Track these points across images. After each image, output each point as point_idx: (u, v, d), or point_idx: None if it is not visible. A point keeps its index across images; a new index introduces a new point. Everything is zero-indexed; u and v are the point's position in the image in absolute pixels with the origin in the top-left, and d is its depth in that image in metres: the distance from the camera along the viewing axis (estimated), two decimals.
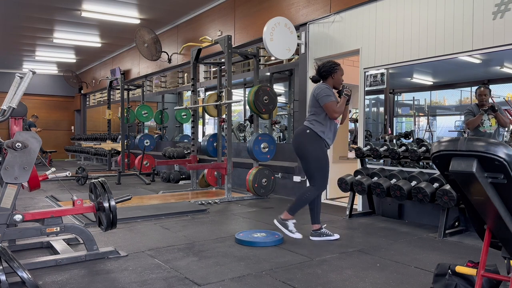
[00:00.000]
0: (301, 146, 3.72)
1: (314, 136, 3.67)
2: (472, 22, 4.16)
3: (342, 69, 3.80)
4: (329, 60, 3.82)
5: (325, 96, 3.62)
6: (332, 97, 3.64)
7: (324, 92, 3.63)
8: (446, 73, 5.66)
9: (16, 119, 3.33)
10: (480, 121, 4.35)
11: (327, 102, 3.61)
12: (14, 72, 4.86)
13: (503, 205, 1.72)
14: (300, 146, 3.73)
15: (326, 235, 3.76)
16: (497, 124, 4.34)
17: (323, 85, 3.70)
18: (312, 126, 3.68)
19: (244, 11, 7.35)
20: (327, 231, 3.78)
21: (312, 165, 3.70)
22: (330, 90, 3.68)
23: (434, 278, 2.18)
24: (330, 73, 3.73)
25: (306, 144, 3.68)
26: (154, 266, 2.98)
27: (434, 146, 1.79)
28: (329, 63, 3.76)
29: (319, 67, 3.79)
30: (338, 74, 3.75)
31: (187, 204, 5.42)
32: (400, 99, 6.64)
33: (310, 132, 3.67)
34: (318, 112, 3.69)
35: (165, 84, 10.83)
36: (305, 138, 3.69)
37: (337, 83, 3.77)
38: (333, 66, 3.73)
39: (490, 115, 4.33)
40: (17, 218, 2.91)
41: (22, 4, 8.24)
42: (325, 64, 3.76)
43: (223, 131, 6.86)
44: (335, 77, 3.74)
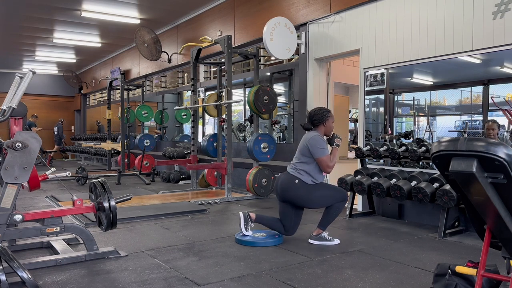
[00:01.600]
0: (292, 195, 3.61)
1: (303, 184, 3.59)
2: (472, 22, 4.16)
3: (333, 116, 3.74)
4: (320, 108, 3.76)
5: (320, 149, 3.55)
6: (326, 151, 3.58)
7: (319, 145, 3.56)
8: (446, 73, 5.66)
9: (16, 119, 3.33)
10: None
11: (322, 156, 3.54)
12: (14, 72, 4.86)
13: (503, 205, 1.72)
14: (291, 196, 3.61)
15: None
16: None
17: (317, 136, 3.61)
18: (301, 176, 3.59)
19: (244, 11, 7.35)
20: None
21: (315, 204, 3.63)
22: (324, 141, 3.63)
23: (434, 278, 2.18)
24: (322, 121, 3.66)
25: (297, 193, 3.58)
26: (154, 266, 2.98)
27: (434, 146, 1.79)
28: (320, 111, 3.69)
29: (311, 115, 3.71)
30: (330, 121, 3.68)
31: (187, 204, 5.42)
32: (400, 99, 6.64)
33: (299, 182, 3.59)
34: (308, 162, 3.60)
35: (165, 84, 10.82)
36: (294, 189, 3.58)
37: (328, 131, 3.72)
38: (324, 114, 3.67)
39: None
40: (17, 218, 2.91)
41: (22, 4, 8.24)
42: (317, 112, 3.69)
43: (223, 131, 6.85)
44: (326, 124, 3.68)
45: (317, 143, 3.57)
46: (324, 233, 3.67)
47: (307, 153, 3.61)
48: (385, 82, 5.07)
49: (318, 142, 3.58)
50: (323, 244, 3.61)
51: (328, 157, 3.58)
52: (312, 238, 3.68)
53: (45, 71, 15.68)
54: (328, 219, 3.67)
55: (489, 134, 4.35)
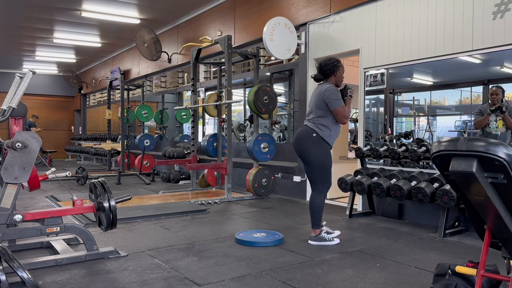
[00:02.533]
0: (306, 151, 3.57)
1: (320, 141, 3.53)
2: (472, 22, 4.16)
3: (343, 66, 3.68)
4: (330, 57, 3.68)
5: (336, 100, 3.49)
6: (342, 101, 3.53)
7: (335, 96, 3.50)
8: (446, 73, 5.66)
9: (16, 119, 3.33)
10: (487, 121, 4.29)
11: (339, 107, 3.49)
12: (14, 72, 4.87)
13: (503, 205, 1.72)
14: (305, 151, 3.58)
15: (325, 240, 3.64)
16: (504, 126, 4.26)
17: (331, 87, 3.54)
18: (319, 130, 3.53)
19: (244, 11, 7.35)
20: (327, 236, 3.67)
21: (315, 169, 3.57)
22: (339, 92, 3.55)
23: (434, 278, 2.18)
24: (333, 71, 3.60)
25: (311, 149, 3.54)
26: (154, 266, 2.98)
27: (434, 146, 1.79)
28: (331, 60, 3.62)
29: (321, 65, 3.63)
30: (341, 71, 3.64)
31: (187, 204, 5.42)
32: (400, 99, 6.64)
33: (317, 136, 3.52)
34: (325, 115, 3.54)
35: (165, 84, 10.83)
36: (310, 142, 3.54)
37: (339, 81, 3.67)
38: (335, 64, 3.61)
39: (498, 117, 4.27)
40: (17, 218, 2.91)
41: (22, 4, 8.24)
42: (327, 62, 3.62)
43: (223, 131, 6.85)
44: (337, 74, 3.63)
45: (333, 94, 3.51)
46: (322, 232, 3.62)
47: (323, 106, 3.54)
48: (385, 82, 5.07)
49: (333, 93, 3.51)
50: (322, 244, 3.57)
51: (344, 107, 3.53)
52: (311, 239, 3.64)
53: (45, 71, 15.68)
54: (315, 216, 3.62)
55: (493, 99, 4.28)
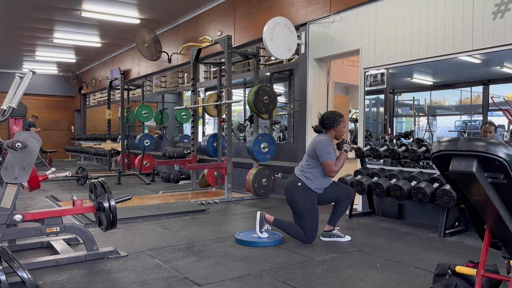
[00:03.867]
0: (292, 198, 3.67)
1: (305, 190, 3.62)
2: (472, 22, 4.16)
3: (344, 121, 3.76)
4: (333, 112, 3.77)
5: (326, 153, 3.57)
6: (333, 155, 3.59)
7: (326, 149, 3.57)
8: (446, 73, 5.66)
9: (16, 119, 3.33)
10: None
11: (328, 160, 3.56)
12: (14, 72, 4.87)
13: (503, 205, 1.72)
14: (291, 198, 3.67)
15: (337, 236, 3.77)
16: None
17: (325, 140, 3.62)
18: (305, 179, 3.62)
19: (244, 11, 7.35)
20: (339, 233, 3.80)
21: (303, 214, 3.62)
22: (331, 145, 3.64)
23: (434, 278, 2.18)
24: (333, 125, 3.68)
25: (296, 197, 3.63)
26: (154, 266, 2.98)
27: (434, 146, 1.79)
28: (333, 115, 3.70)
29: (322, 117, 3.72)
30: (341, 126, 3.70)
31: (187, 204, 5.42)
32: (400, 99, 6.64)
33: (302, 185, 3.62)
34: (314, 166, 3.64)
35: (165, 84, 10.82)
36: (295, 191, 3.64)
37: (339, 135, 3.73)
38: (336, 118, 3.68)
39: None
40: (17, 218, 2.91)
41: (22, 4, 8.23)
42: (329, 116, 3.69)
43: (223, 131, 6.85)
44: (337, 129, 3.69)
45: (324, 147, 3.58)
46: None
47: (314, 156, 3.64)
48: (385, 82, 5.07)
49: (325, 146, 3.59)
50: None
51: (333, 161, 3.58)
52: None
53: (45, 71, 15.67)
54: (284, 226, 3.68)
55: (486, 136, 4.35)
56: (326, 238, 3.76)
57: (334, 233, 3.76)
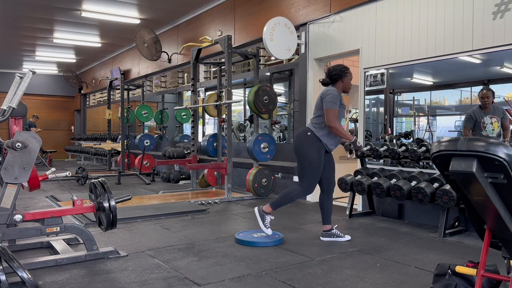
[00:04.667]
0: (299, 147, 3.68)
1: (314, 139, 3.62)
2: (472, 22, 4.16)
3: (351, 73, 3.76)
4: (339, 64, 3.78)
5: (330, 102, 3.56)
6: (336, 105, 3.57)
7: (331, 98, 3.57)
8: (446, 73, 5.66)
9: (16, 119, 3.33)
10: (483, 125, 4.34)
11: (330, 108, 3.55)
12: (14, 72, 4.87)
13: (503, 205, 1.72)
14: (298, 147, 3.69)
15: (336, 236, 3.75)
16: (499, 127, 4.32)
17: (333, 90, 3.63)
18: (314, 129, 3.63)
19: (244, 11, 7.35)
20: (338, 232, 3.77)
21: (305, 166, 3.64)
22: (338, 97, 3.61)
23: (434, 278, 2.18)
24: (341, 76, 3.69)
25: (304, 146, 3.64)
26: (154, 266, 2.98)
27: (434, 146, 1.79)
28: (339, 67, 3.72)
29: (330, 70, 3.73)
30: (348, 78, 3.72)
31: (187, 204, 5.42)
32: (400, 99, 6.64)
33: (311, 134, 3.63)
34: (322, 115, 3.62)
35: (165, 84, 10.82)
36: (304, 139, 3.65)
37: (347, 87, 3.74)
38: (343, 70, 3.70)
39: (493, 118, 4.32)
40: (17, 218, 2.91)
41: (22, 4, 8.24)
42: (336, 68, 3.72)
43: (223, 131, 6.85)
44: (345, 80, 3.71)
45: (330, 96, 3.58)
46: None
47: (321, 106, 3.64)
48: (385, 82, 5.07)
49: (331, 95, 3.58)
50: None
51: (336, 110, 3.55)
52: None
53: (45, 71, 15.68)
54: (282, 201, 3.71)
55: (484, 102, 4.36)
56: (326, 238, 3.74)
57: (334, 233, 3.75)
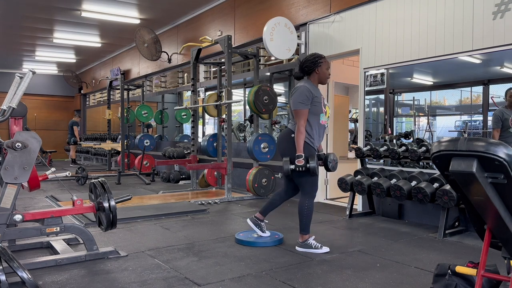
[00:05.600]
0: (285, 151, 3.39)
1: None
2: (472, 22, 4.16)
3: (327, 61, 3.39)
4: (312, 53, 3.40)
5: (297, 102, 3.24)
6: (305, 105, 3.23)
7: (299, 97, 3.24)
8: (446, 73, 5.66)
9: (16, 119, 3.33)
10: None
11: (297, 109, 3.24)
12: (14, 72, 4.87)
13: (503, 205, 1.72)
14: (284, 150, 3.40)
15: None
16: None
17: (303, 87, 3.28)
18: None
19: (244, 11, 7.35)
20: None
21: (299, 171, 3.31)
22: (307, 94, 3.25)
23: (434, 278, 2.18)
24: (314, 67, 3.32)
25: (289, 149, 3.34)
26: (154, 266, 2.98)
27: (434, 146, 1.79)
28: (311, 56, 3.34)
29: (301, 62, 3.36)
30: (323, 68, 3.33)
31: (187, 204, 5.42)
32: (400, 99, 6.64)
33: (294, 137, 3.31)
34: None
35: (165, 84, 10.82)
36: (289, 143, 3.34)
37: (323, 78, 3.36)
38: (316, 60, 3.31)
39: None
40: (17, 218, 2.91)
41: (22, 4, 8.23)
42: (308, 59, 3.33)
43: (223, 131, 6.85)
44: (319, 71, 3.33)
45: (298, 94, 3.25)
46: (310, 239, 3.37)
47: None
48: (385, 82, 5.07)
49: (298, 93, 3.25)
50: (308, 251, 3.32)
51: (303, 112, 3.22)
52: (298, 245, 3.40)
53: (45, 71, 15.67)
54: (303, 221, 3.36)
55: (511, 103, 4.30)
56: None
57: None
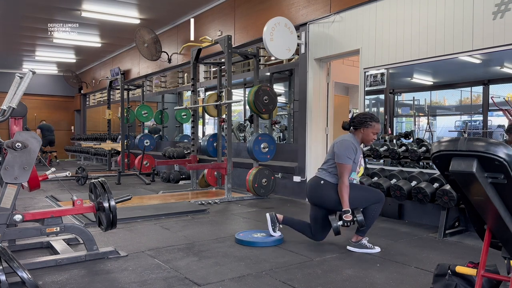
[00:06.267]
0: (318, 198, 3.45)
1: (329, 185, 3.40)
2: (472, 22, 4.16)
3: (377, 126, 3.44)
4: (366, 113, 3.52)
5: (344, 156, 3.31)
6: (350, 160, 3.32)
7: (345, 150, 3.32)
8: (446, 73, 5.67)
9: (16, 119, 3.33)
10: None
11: (342, 163, 3.31)
12: (14, 72, 4.86)
13: (503, 205, 1.72)
14: (317, 198, 3.46)
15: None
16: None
17: (349, 141, 3.39)
18: (327, 176, 3.43)
19: (244, 11, 7.35)
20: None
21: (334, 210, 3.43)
22: (353, 150, 3.35)
23: (434, 278, 2.18)
24: (361, 126, 3.42)
25: (323, 193, 3.41)
26: (154, 266, 2.98)
27: (434, 146, 1.79)
28: (364, 115, 3.46)
29: (353, 116, 3.50)
30: (369, 130, 3.41)
31: (187, 204, 5.42)
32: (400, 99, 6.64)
33: (325, 182, 3.41)
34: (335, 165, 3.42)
35: (165, 84, 10.82)
36: (322, 189, 3.42)
37: (366, 139, 3.45)
38: (366, 120, 3.42)
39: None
40: (17, 218, 2.90)
41: (22, 4, 8.23)
42: (360, 116, 3.47)
43: (223, 131, 6.85)
44: (364, 132, 3.42)
45: (344, 147, 3.35)
46: (363, 240, 3.44)
47: (333, 156, 3.43)
48: (385, 82, 5.07)
49: (345, 146, 3.36)
50: (363, 251, 3.39)
51: (348, 167, 3.31)
52: (351, 245, 3.46)
53: (45, 71, 15.67)
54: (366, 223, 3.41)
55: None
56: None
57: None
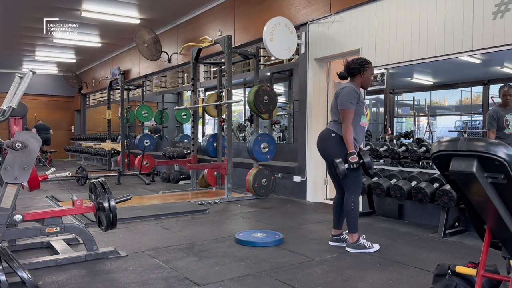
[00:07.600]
0: (327, 151, 3.43)
1: (339, 139, 3.36)
2: (472, 22, 4.16)
3: (372, 68, 3.50)
4: (359, 58, 3.52)
5: (346, 101, 3.31)
6: (353, 105, 3.31)
7: (347, 97, 3.32)
8: (446, 73, 5.67)
9: (16, 119, 3.34)
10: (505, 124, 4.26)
11: (345, 108, 3.31)
12: (14, 72, 4.86)
13: (503, 205, 1.72)
14: (326, 151, 3.45)
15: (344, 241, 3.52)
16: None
17: (350, 87, 3.37)
18: (338, 129, 3.39)
19: (244, 11, 7.35)
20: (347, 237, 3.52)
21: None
22: (355, 94, 3.34)
23: (434, 278, 2.18)
24: (360, 71, 3.42)
25: (332, 149, 3.39)
26: (154, 266, 2.98)
27: (434, 146, 1.79)
28: (359, 60, 3.46)
29: (348, 63, 3.47)
30: (368, 72, 3.43)
31: (187, 204, 5.42)
32: (400, 99, 6.65)
33: (336, 136, 3.38)
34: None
35: (165, 84, 10.82)
36: (330, 142, 3.41)
37: (366, 82, 3.46)
38: (363, 64, 3.42)
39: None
40: (17, 218, 2.91)
41: (22, 4, 8.23)
42: (355, 61, 3.44)
43: (223, 131, 6.85)
44: (364, 75, 3.43)
45: (346, 94, 3.32)
46: (361, 239, 3.42)
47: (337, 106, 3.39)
48: (385, 82, 5.07)
49: (347, 93, 3.33)
50: (362, 252, 3.35)
51: (351, 111, 3.28)
52: (349, 246, 3.42)
53: (45, 71, 15.66)
54: (351, 219, 3.41)
55: (506, 100, 4.29)
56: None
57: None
